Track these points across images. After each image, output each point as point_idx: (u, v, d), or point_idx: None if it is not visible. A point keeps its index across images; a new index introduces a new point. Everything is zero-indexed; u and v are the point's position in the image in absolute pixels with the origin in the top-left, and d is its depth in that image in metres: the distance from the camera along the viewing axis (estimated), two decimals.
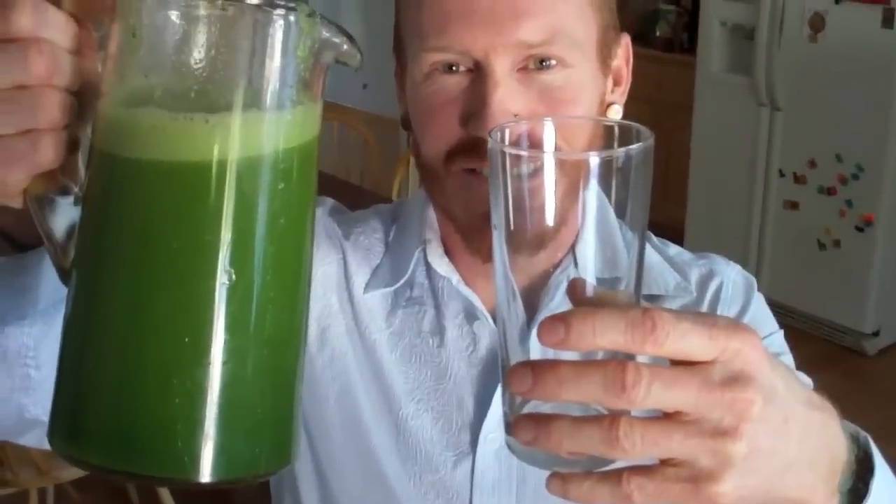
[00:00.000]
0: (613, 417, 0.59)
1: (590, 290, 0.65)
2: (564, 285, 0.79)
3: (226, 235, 0.62)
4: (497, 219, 0.66)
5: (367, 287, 1.14)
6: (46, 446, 0.68)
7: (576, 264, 1.07)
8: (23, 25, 0.61)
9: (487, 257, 0.71)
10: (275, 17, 0.63)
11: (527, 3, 0.96)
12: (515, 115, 0.97)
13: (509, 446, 0.65)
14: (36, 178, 0.65)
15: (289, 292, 0.68)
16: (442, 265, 1.11)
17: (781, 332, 1.20)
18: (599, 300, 0.64)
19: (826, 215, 4.84)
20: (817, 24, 4.66)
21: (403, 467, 1.11)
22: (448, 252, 1.12)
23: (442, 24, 0.97)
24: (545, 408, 0.63)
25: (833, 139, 4.71)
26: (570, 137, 1.02)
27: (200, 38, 0.62)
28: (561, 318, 0.59)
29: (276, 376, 0.67)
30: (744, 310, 1.17)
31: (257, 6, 0.63)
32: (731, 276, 1.19)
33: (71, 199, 0.66)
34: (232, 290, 0.63)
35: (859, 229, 4.70)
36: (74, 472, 3.07)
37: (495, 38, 0.96)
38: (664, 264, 1.17)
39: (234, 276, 0.63)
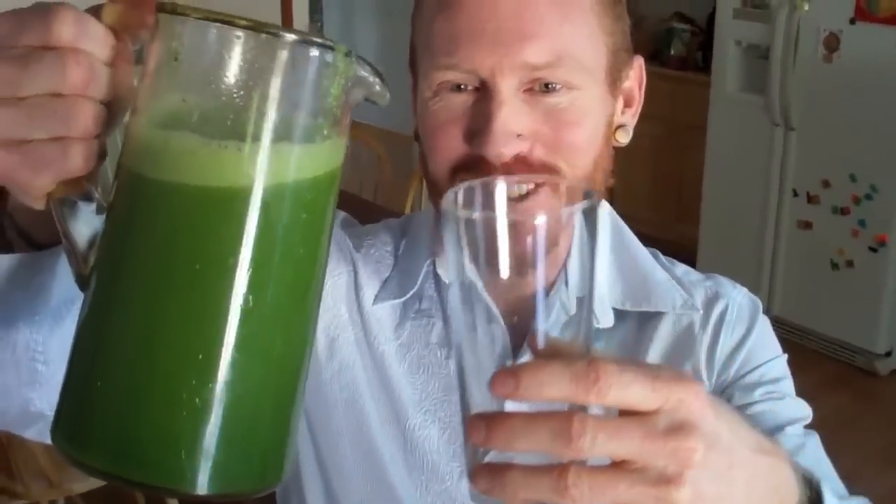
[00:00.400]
0: (563, 467, 0.61)
1: (546, 341, 0.66)
2: (558, 307, 0.80)
3: (247, 261, 0.64)
4: (454, 274, 0.67)
5: (377, 299, 1.16)
6: (48, 440, 0.70)
7: (566, 283, 1.08)
8: (63, 35, 0.63)
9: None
10: (314, 54, 0.65)
11: (533, 26, 0.98)
12: (519, 136, 0.99)
13: (471, 495, 0.66)
14: (61, 182, 0.66)
15: (300, 317, 0.69)
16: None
17: (784, 357, 1.20)
18: (555, 350, 0.66)
19: (839, 235, 4.83)
20: (832, 44, 4.66)
21: (410, 477, 1.13)
22: None
23: (451, 44, 1.00)
24: (518, 458, 0.65)
25: (847, 159, 4.71)
26: (575, 162, 1.03)
27: (240, 68, 0.63)
28: (512, 372, 0.61)
29: (280, 398, 0.69)
30: (748, 333, 1.18)
31: (298, 41, 0.64)
32: (737, 299, 1.20)
33: (94, 206, 0.68)
34: (247, 313, 0.64)
35: (872, 249, 4.70)
36: (85, 485, 3.08)
37: (501, 58, 0.98)
38: (671, 282, 1.18)
39: (251, 301, 0.64)
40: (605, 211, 1.20)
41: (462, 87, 1.01)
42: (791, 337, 5.04)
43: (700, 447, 0.62)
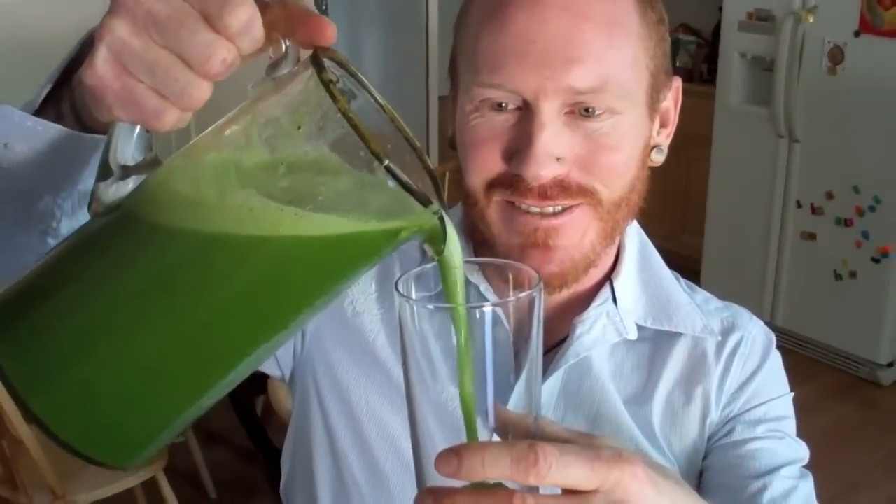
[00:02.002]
0: None
1: (497, 415, 0.70)
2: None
3: (243, 308, 0.66)
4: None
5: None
6: None
7: (615, 300, 1.08)
8: (230, 25, 0.62)
9: (514, 282, 0.75)
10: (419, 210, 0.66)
11: (579, 50, 0.97)
12: (558, 159, 0.99)
13: None
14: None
15: (227, 358, 0.70)
16: (476, 278, 1.11)
17: (790, 396, 1.21)
18: (511, 424, 0.70)
19: (842, 246, 4.84)
20: (837, 56, 4.68)
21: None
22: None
23: (495, 62, 0.99)
24: None
25: (851, 171, 4.73)
26: (612, 185, 1.04)
27: (350, 163, 0.64)
28: (455, 452, 0.64)
29: (172, 403, 0.69)
30: (758, 368, 1.19)
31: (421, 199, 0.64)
32: (753, 333, 1.20)
33: (142, 159, 0.69)
34: (205, 329, 0.66)
35: (875, 261, 4.71)
36: (90, 496, 3.09)
37: (546, 81, 0.97)
38: (692, 306, 1.19)
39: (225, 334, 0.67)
40: (634, 228, 1.21)
41: (503, 105, 1.01)
42: (794, 347, 5.06)
43: None
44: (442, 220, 0.68)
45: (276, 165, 0.65)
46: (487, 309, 0.68)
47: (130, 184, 0.69)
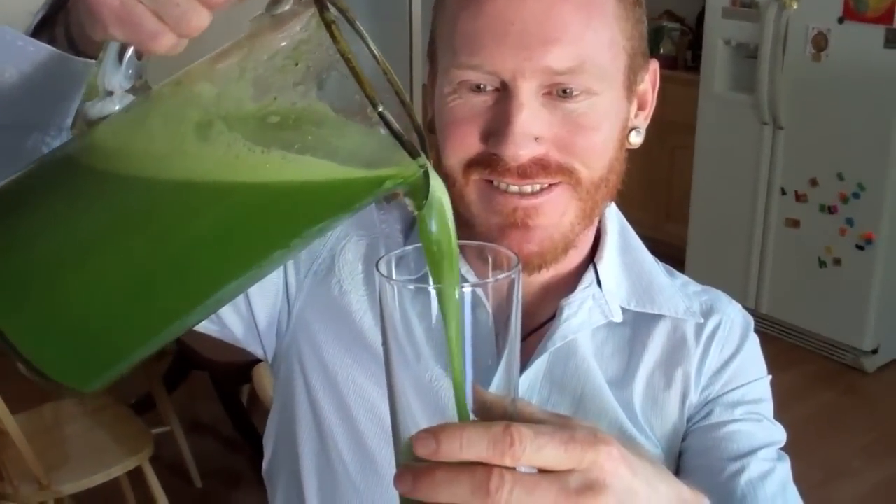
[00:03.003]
0: None
1: (476, 397, 0.70)
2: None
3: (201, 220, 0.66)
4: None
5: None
6: None
7: (599, 284, 1.08)
8: None
9: (493, 263, 0.75)
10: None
11: (557, 31, 0.98)
12: (536, 139, 1.00)
13: None
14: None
15: (204, 288, 0.69)
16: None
17: (768, 379, 1.22)
18: (489, 406, 0.71)
19: (827, 233, 4.86)
20: (820, 43, 4.68)
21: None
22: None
23: (474, 43, 1.00)
24: None
25: (835, 158, 4.74)
26: (591, 164, 1.04)
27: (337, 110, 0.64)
28: (433, 433, 0.65)
29: (140, 327, 0.69)
30: (737, 351, 1.19)
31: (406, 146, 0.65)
32: (731, 316, 1.21)
33: (131, 86, 0.69)
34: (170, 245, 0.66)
35: (860, 248, 4.73)
36: (75, 486, 3.10)
37: (524, 62, 0.98)
38: (674, 288, 1.20)
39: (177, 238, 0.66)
40: (613, 211, 1.22)
41: (482, 87, 1.01)
42: (778, 334, 5.07)
43: None
44: (426, 174, 0.68)
45: (266, 104, 0.65)
46: (467, 289, 0.68)
47: (117, 105, 0.69)
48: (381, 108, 0.62)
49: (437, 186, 0.71)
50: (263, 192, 0.64)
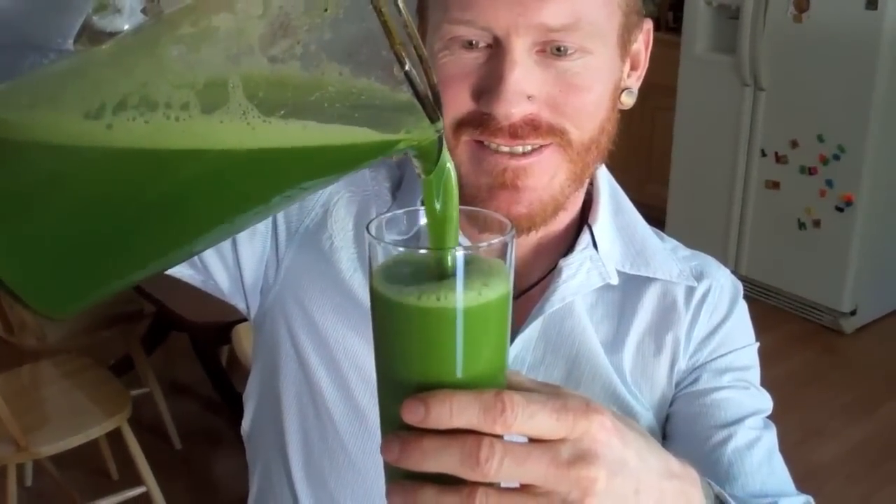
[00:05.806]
0: (472, 487, 0.64)
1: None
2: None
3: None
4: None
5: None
6: None
7: (595, 246, 1.07)
8: None
9: (484, 228, 0.74)
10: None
11: None
12: (529, 97, 0.98)
13: None
14: None
15: (183, 235, 0.68)
16: None
17: (756, 346, 1.21)
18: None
19: (806, 195, 4.88)
20: (802, 4, 4.68)
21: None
22: None
23: None
24: None
25: (815, 120, 4.75)
26: (583, 125, 1.03)
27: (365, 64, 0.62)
28: (422, 400, 0.64)
29: (118, 258, 0.67)
30: (726, 318, 1.19)
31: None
32: (721, 282, 1.20)
33: (142, 7, 0.66)
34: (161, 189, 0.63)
35: (839, 209, 4.75)
36: (53, 448, 3.10)
37: (518, 17, 0.96)
38: (667, 252, 1.19)
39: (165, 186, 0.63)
40: (604, 174, 1.20)
41: (474, 43, 0.99)
42: (758, 296, 5.10)
43: (601, 476, 0.66)
44: (441, 139, 0.67)
45: (287, 47, 0.61)
46: (459, 253, 0.67)
47: (126, 22, 0.66)
48: (408, 66, 0.60)
49: (446, 152, 0.69)
50: (269, 153, 0.62)
